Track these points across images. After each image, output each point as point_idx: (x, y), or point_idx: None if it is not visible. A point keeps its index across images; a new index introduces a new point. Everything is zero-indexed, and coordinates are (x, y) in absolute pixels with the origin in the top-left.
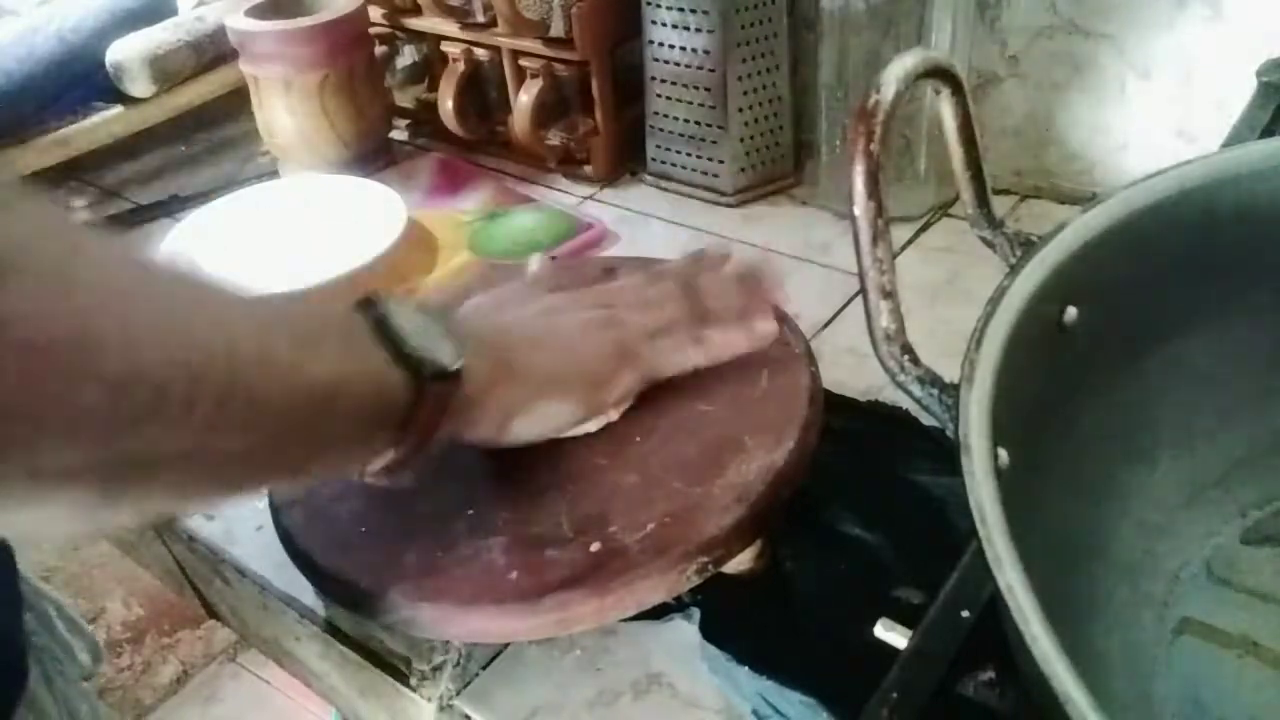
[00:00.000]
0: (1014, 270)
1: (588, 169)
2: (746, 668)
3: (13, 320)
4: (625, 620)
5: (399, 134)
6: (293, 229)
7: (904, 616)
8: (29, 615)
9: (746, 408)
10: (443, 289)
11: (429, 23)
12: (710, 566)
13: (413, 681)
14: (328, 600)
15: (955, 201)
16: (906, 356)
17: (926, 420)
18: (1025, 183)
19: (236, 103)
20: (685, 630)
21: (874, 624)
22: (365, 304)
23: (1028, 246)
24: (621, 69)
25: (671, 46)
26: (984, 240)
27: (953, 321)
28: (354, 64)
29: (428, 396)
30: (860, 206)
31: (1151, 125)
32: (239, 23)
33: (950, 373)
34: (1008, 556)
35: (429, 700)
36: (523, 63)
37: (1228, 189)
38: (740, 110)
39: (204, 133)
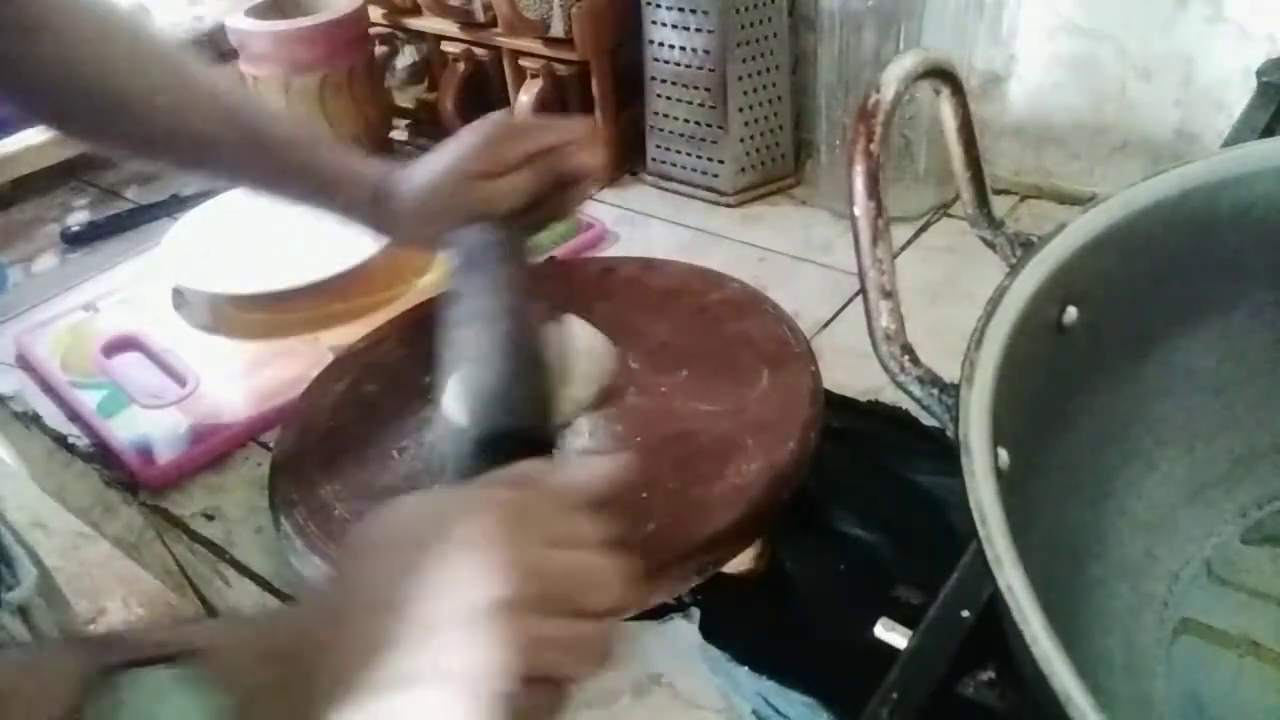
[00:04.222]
0: (1014, 270)
1: None
2: (746, 668)
3: None
4: (625, 620)
5: (399, 134)
6: (291, 228)
7: (904, 616)
8: None
9: (747, 408)
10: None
11: (429, 23)
12: (710, 566)
13: None
14: None
15: (955, 201)
16: (906, 356)
17: (926, 420)
18: (1025, 183)
19: None
20: (685, 630)
21: (874, 624)
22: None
23: (1028, 246)
24: (621, 69)
25: (671, 46)
26: (984, 240)
27: (953, 321)
28: (354, 64)
29: None
30: (860, 206)
31: (1151, 125)
32: (238, 23)
33: (950, 373)
34: (1008, 556)
35: None
36: (523, 63)
37: (1228, 189)
38: (740, 110)
39: None
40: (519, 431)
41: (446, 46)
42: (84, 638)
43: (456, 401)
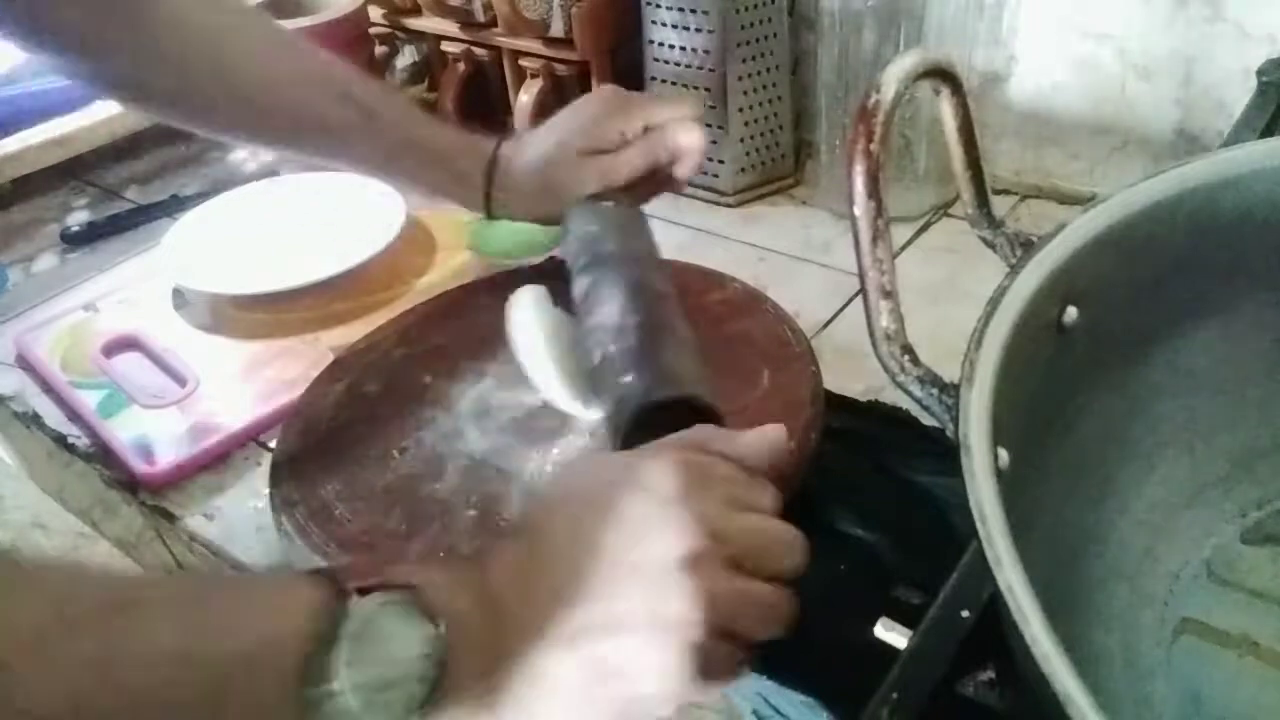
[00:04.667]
0: (1014, 270)
1: None
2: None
3: None
4: None
5: None
6: (292, 228)
7: (904, 616)
8: None
9: (747, 408)
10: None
11: (429, 23)
12: None
13: None
14: None
15: (955, 201)
16: (906, 356)
17: (926, 420)
18: (1025, 183)
19: None
20: None
21: (874, 624)
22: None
23: (1028, 246)
24: (621, 69)
25: (671, 46)
26: (984, 240)
27: (953, 321)
28: (354, 64)
29: None
30: (860, 206)
31: (1151, 125)
32: None
33: (950, 373)
34: (1008, 556)
35: None
36: (523, 63)
37: (1228, 189)
38: (740, 110)
39: None
40: (692, 399)
41: (446, 46)
42: (325, 568)
43: (625, 370)
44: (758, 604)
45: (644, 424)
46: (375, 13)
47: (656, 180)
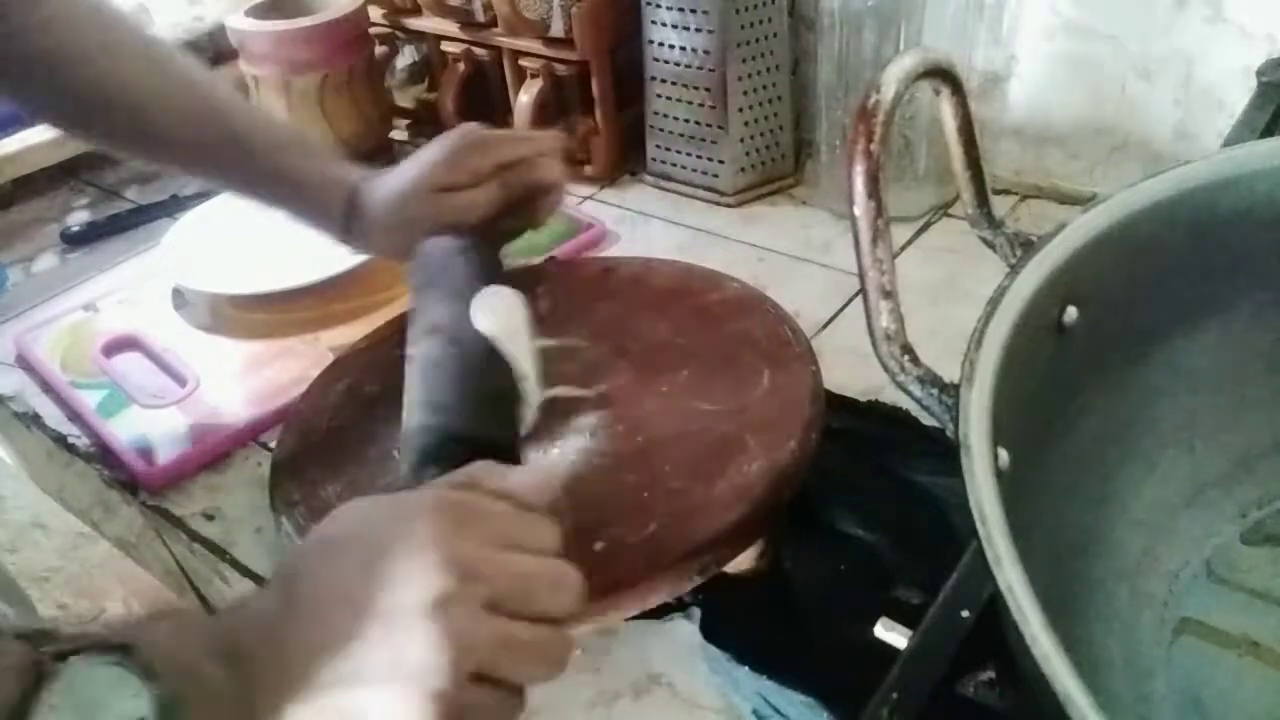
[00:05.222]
0: (1014, 270)
1: (588, 169)
2: (746, 668)
3: None
4: (625, 620)
5: (399, 134)
6: (292, 228)
7: (904, 616)
8: None
9: (748, 407)
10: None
11: (429, 23)
12: (711, 566)
13: None
14: None
15: (955, 201)
16: (906, 356)
17: (926, 420)
18: (1025, 183)
19: None
20: (685, 630)
21: (874, 624)
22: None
23: (1028, 246)
24: (621, 69)
25: (671, 46)
26: (984, 240)
27: (953, 321)
28: (354, 64)
29: None
30: (860, 206)
31: (1151, 125)
32: (238, 23)
33: (950, 373)
34: (1008, 556)
35: None
36: (523, 63)
37: (1228, 189)
38: (740, 110)
39: None
40: (474, 436)
41: (446, 46)
42: (28, 628)
43: (417, 408)
44: (520, 646)
45: (434, 467)
46: (375, 13)
47: (518, 215)
